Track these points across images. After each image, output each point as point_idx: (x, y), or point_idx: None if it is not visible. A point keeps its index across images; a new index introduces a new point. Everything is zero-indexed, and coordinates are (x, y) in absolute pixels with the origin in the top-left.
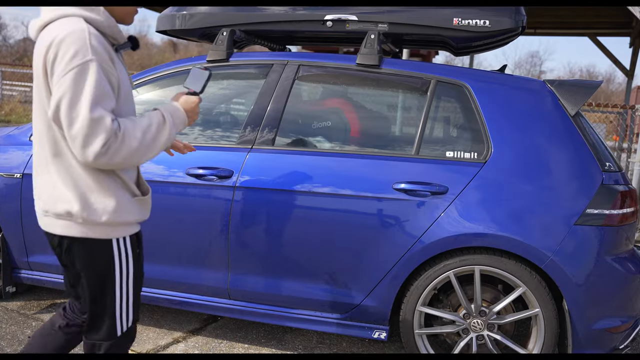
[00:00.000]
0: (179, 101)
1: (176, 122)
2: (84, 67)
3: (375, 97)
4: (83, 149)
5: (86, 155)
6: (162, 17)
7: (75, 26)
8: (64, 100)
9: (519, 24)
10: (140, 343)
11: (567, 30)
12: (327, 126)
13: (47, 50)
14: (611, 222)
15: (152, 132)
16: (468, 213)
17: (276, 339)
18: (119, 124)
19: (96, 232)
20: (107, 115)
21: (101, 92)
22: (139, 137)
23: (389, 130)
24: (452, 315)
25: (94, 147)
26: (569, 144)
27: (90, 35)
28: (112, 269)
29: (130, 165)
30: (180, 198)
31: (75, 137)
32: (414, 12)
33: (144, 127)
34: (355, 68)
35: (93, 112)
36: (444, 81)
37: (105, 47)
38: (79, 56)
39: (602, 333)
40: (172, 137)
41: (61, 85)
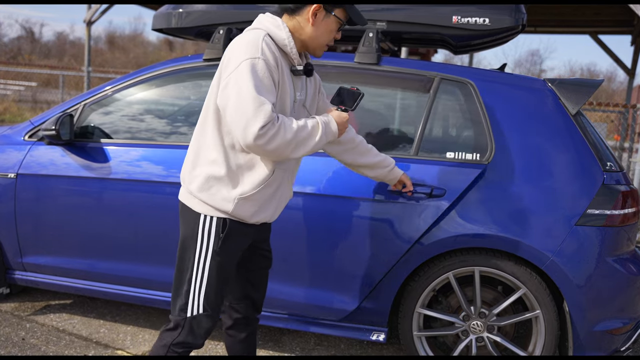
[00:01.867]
0: (333, 115)
1: (327, 132)
2: (252, 62)
3: (376, 95)
4: (245, 130)
5: (246, 136)
6: (158, 15)
7: (254, 34)
8: (233, 89)
9: (519, 22)
10: (135, 345)
11: (567, 28)
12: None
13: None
14: (612, 222)
15: (306, 131)
16: (468, 214)
17: (273, 340)
18: (278, 116)
19: (191, 202)
20: (268, 103)
21: (265, 85)
22: (294, 131)
23: (389, 130)
24: (452, 317)
25: (253, 128)
26: (569, 144)
27: (263, 41)
28: (194, 242)
29: (281, 157)
30: (173, 198)
31: (239, 119)
32: (412, 10)
33: (300, 124)
34: (353, 66)
35: (257, 98)
36: (448, 79)
37: (276, 55)
38: (249, 53)
39: (603, 335)
40: (322, 143)
41: (231, 77)
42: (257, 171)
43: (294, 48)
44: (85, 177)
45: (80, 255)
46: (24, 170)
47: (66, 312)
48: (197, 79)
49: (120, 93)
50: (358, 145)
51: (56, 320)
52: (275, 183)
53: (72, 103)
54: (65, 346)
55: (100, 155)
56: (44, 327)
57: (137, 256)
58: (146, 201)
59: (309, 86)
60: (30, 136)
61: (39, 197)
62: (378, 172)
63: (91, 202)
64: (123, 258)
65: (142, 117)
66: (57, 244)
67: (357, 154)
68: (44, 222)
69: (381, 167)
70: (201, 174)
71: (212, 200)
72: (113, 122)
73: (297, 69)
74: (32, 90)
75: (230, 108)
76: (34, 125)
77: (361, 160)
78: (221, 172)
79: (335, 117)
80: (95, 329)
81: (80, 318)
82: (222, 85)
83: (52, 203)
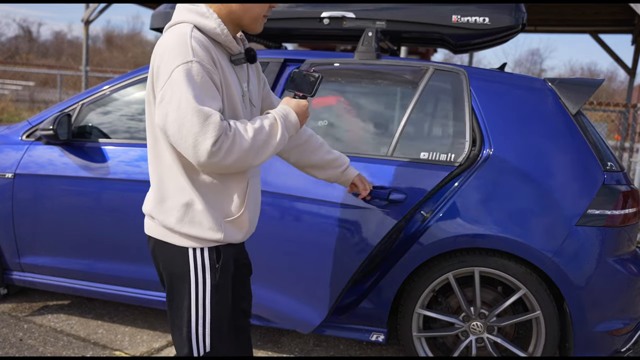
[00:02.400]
0: (290, 105)
1: (288, 127)
2: (186, 67)
3: (374, 92)
4: (195, 149)
5: (198, 156)
6: (156, 15)
7: (179, 31)
8: (169, 104)
9: (519, 21)
10: (133, 346)
11: (568, 28)
12: (324, 125)
13: (154, 57)
14: (613, 222)
15: (264, 133)
16: (467, 214)
17: (272, 341)
18: (229, 123)
19: (171, 238)
20: (215, 113)
21: (206, 91)
22: (251, 136)
23: (384, 130)
24: (451, 318)
25: (204, 145)
26: (570, 144)
27: (191, 39)
28: (186, 281)
29: (241, 168)
30: None
31: (185, 138)
32: (412, 10)
33: (255, 128)
34: (355, 63)
35: (201, 110)
36: (441, 69)
37: (210, 51)
38: (180, 58)
39: (603, 336)
40: (285, 140)
41: (165, 90)
42: (233, 186)
43: (228, 35)
44: (83, 177)
45: (78, 255)
46: (22, 170)
47: (64, 313)
48: None
49: (118, 93)
50: (307, 141)
51: (54, 321)
52: (253, 192)
53: (70, 103)
54: (63, 347)
55: (98, 155)
56: (41, 327)
57: (135, 257)
58: (142, 201)
59: (252, 76)
60: (27, 136)
61: (36, 197)
62: (329, 173)
63: (89, 202)
64: (121, 258)
65: (140, 117)
66: (55, 245)
67: (307, 152)
68: (41, 223)
69: (333, 167)
70: (175, 205)
71: (199, 231)
72: (111, 121)
73: (237, 57)
74: (30, 90)
75: (171, 127)
76: (31, 125)
77: (311, 159)
78: (196, 198)
79: (293, 106)
80: (93, 329)
81: (78, 319)
82: (157, 101)
83: (50, 203)
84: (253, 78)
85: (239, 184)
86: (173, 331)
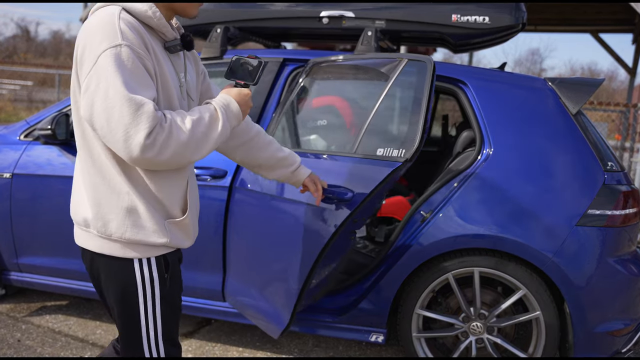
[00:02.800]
0: (231, 94)
1: (230, 117)
2: (114, 51)
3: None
4: (126, 143)
5: (131, 150)
6: None
7: (106, 13)
8: (96, 94)
9: (519, 21)
10: None
11: (568, 27)
12: (324, 125)
13: (77, 43)
14: (613, 222)
15: (204, 124)
16: (467, 214)
17: (271, 342)
18: (164, 114)
19: (111, 248)
20: (148, 102)
21: (137, 78)
22: (189, 129)
23: (383, 127)
24: (451, 318)
25: (137, 138)
26: (570, 144)
27: (120, 20)
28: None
29: (180, 164)
30: None
31: (114, 130)
32: (411, 9)
33: (194, 119)
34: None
35: (132, 99)
36: (412, 59)
37: (142, 35)
38: (107, 41)
39: (604, 336)
40: (227, 132)
41: (91, 77)
42: (175, 185)
43: (161, 19)
44: None
45: (76, 256)
46: (20, 170)
47: (62, 314)
48: None
49: None
50: (254, 138)
51: (52, 322)
52: (192, 192)
53: (68, 102)
54: (61, 348)
55: None
56: (39, 328)
57: None
58: None
59: (189, 66)
60: (26, 136)
61: (35, 197)
62: (279, 173)
63: None
64: None
65: None
66: (53, 245)
67: (254, 150)
68: (39, 223)
69: (282, 166)
70: (114, 209)
71: (143, 236)
72: None
73: (172, 44)
74: (28, 90)
75: (98, 119)
76: (29, 125)
77: (259, 158)
78: (137, 199)
79: (234, 95)
80: (91, 330)
81: (76, 319)
82: (82, 90)
83: (48, 203)
84: (191, 69)
85: (179, 182)
86: (125, 349)
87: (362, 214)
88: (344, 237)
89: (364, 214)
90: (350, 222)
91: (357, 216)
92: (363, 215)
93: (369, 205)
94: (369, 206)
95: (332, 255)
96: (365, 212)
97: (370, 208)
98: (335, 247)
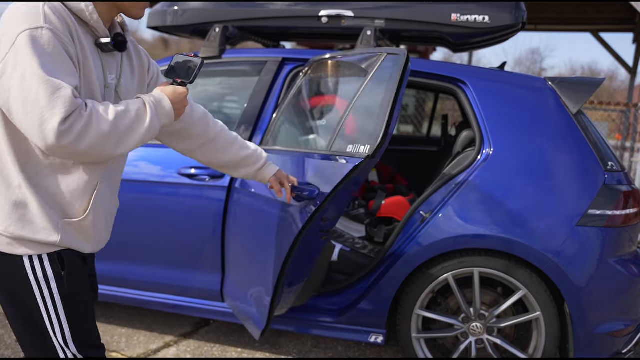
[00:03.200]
0: (165, 92)
1: (160, 114)
2: (33, 33)
3: None
4: (40, 128)
5: (45, 136)
6: (153, 13)
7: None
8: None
9: (520, 20)
10: (130, 347)
11: (568, 26)
12: (324, 125)
13: None
14: (614, 223)
15: (129, 117)
16: (466, 214)
17: (270, 342)
18: (86, 102)
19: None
20: (67, 86)
21: (57, 62)
22: (111, 120)
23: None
24: (451, 319)
25: (52, 123)
26: (570, 144)
27: (45, 4)
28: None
29: (100, 156)
30: (171, 198)
31: (30, 114)
32: (411, 8)
33: (118, 110)
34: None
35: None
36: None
37: (69, 23)
38: (27, 23)
39: (604, 337)
40: (155, 128)
41: (7, 59)
42: (77, 182)
43: (94, 13)
44: None
45: None
46: None
47: None
48: None
49: None
50: (216, 138)
51: None
52: (101, 198)
53: None
54: None
55: None
56: None
57: (131, 257)
58: (141, 202)
59: (126, 70)
60: None
61: None
62: (244, 172)
63: None
64: (118, 259)
65: None
66: None
67: (217, 150)
68: None
69: (247, 164)
70: (1, 202)
71: (31, 233)
72: None
73: (102, 42)
74: None
75: (14, 102)
76: None
77: (223, 158)
78: (29, 193)
79: (168, 93)
80: None
81: None
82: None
83: None
84: (128, 72)
85: (86, 181)
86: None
87: (331, 212)
88: (315, 238)
89: (332, 213)
90: (318, 221)
91: (326, 215)
92: (332, 214)
93: (335, 204)
94: (336, 205)
95: (306, 255)
96: (334, 211)
97: (338, 207)
98: (307, 248)
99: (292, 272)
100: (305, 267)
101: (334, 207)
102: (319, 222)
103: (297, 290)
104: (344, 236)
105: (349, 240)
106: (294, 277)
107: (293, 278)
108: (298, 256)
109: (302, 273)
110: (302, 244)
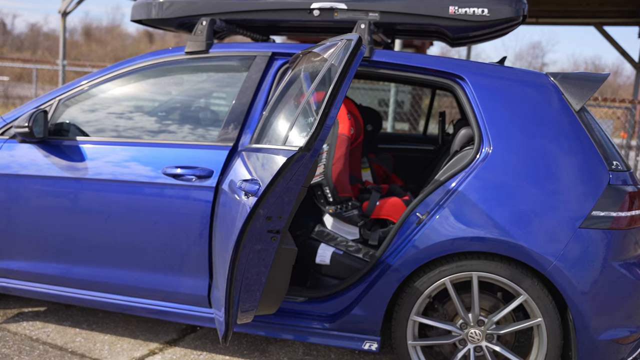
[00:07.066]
0: None
1: None
2: None
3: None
4: None
5: None
6: (137, 6)
7: None
8: None
9: (520, 13)
10: (113, 354)
11: (571, 19)
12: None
13: None
14: (619, 225)
15: None
16: (465, 216)
17: (259, 350)
18: None
19: None
20: None
21: None
22: None
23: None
24: (448, 325)
25: None
26: (573, 142)
27: None
28: None
29: None
30: (156, 199)
31: None
32: (407, 0)
33: None
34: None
35: None
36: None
37: None
38: None
39: (609, 344)
40: None
41: None
42: None
43: None
44: (59, 177)
45: (55, 260)
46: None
47: (40, 320)
48: (178, 73)
49: (97, 88)
50: None
51: (29, 329)
52: None
53: (46, 99)
54: (39, 356)
55: (76, 154)
56: (16, 336)
57: (115, 261)
58: (125, 203)
59: None
60: (1, 134)
61: (11, 199)
62: None
63: (66, 203)
64: (100, 263)
65: (120, 114)
66: (30, 249)
67: None
68: (16, 225)
69: None
70: None
71: None
72: (89, 118)
73: None
74: (4, 85)
75: None
76: (5, 122)
77: None
78: None
79: None
80: (70, 337)
81: (54, 326)
82: None
83: (25, 205)
84: None
85: None
86: None
87: (274, 210)
88: (262, 238)
89: (277, 211)
90: (261, 220)
91: (270, 213)
92: (276, 212)
93: (278, 201)
94: (279, 202)
95: (256, 259)
96: (278, 209)
97: (282, 205)
98: (256, 250)
99: (245, 276)
100: (258, 271)
101: (277, 204)
102: (263, 221)
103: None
104: (337, 239)
105: (342, 242)
106: (250, 281)
107: (249, 281)
108: (247, 259)
109: (256, 277)
110: (249, 245)
